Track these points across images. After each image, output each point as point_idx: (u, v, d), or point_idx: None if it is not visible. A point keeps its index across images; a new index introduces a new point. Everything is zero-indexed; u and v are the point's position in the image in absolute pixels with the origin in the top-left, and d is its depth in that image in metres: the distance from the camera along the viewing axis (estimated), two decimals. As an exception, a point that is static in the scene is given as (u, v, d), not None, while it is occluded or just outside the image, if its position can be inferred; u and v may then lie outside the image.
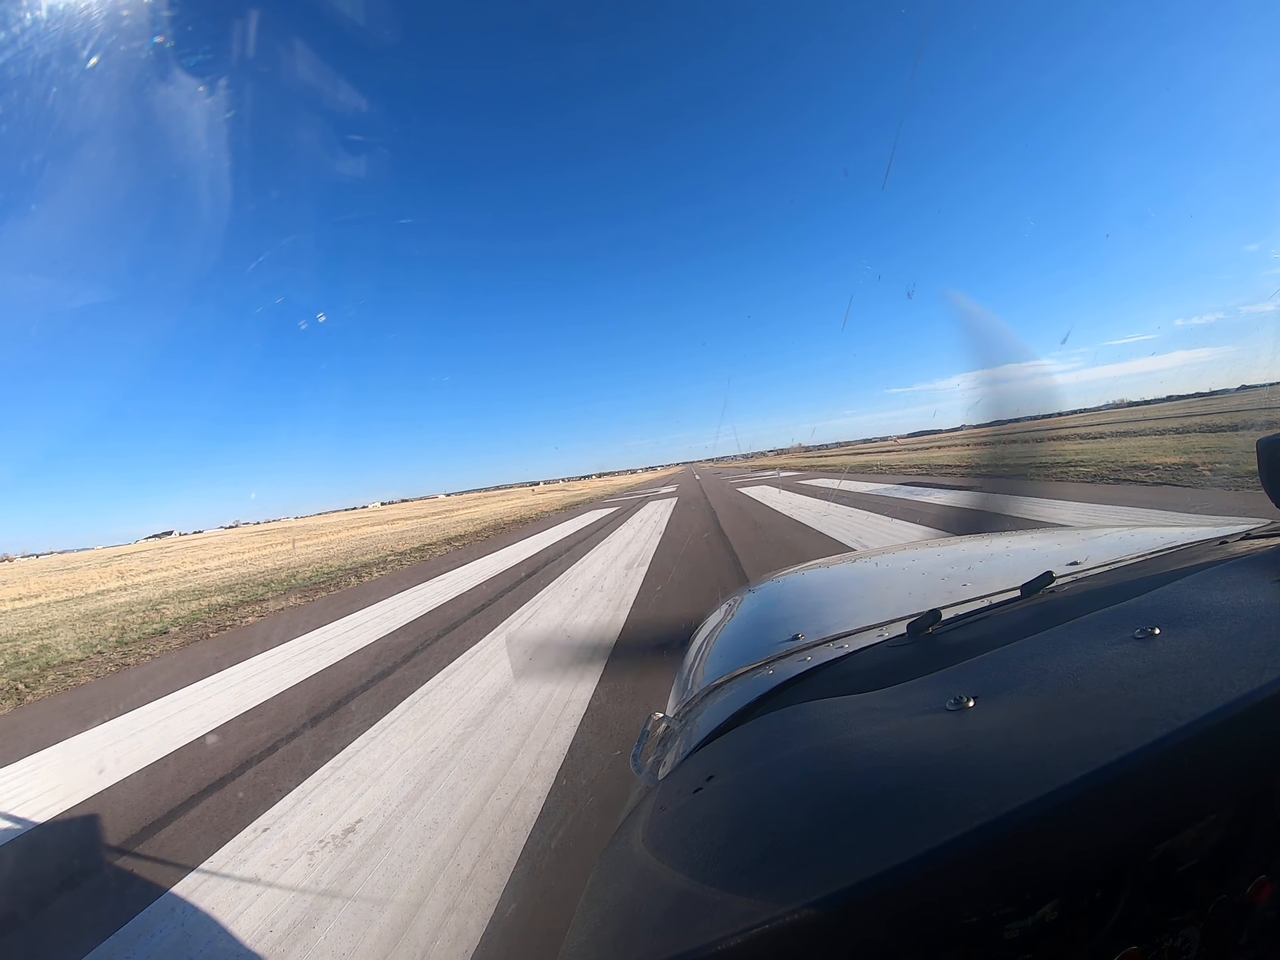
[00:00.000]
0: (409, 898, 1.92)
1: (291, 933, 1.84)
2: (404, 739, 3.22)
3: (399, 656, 5.02)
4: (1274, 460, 0.78)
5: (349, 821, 2.43)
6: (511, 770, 2.69)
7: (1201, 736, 0.37)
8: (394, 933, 1.78)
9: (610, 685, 3.61)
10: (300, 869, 2.16)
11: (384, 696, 4.01)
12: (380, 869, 2.09)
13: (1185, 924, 0.44)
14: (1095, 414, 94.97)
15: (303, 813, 2.57)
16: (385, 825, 2.37)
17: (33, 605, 15.28)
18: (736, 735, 0.71)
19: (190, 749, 3.59)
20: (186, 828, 2.60)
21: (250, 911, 1.97)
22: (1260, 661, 0.44)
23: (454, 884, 1.96)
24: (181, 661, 6.19)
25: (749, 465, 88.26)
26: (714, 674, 1.05)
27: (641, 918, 0.45)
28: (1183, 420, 26.64)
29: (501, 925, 1.76)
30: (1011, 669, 0.59)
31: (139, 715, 4.47)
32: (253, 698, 4.41)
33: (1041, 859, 0.36)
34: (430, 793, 2.58)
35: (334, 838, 2.32)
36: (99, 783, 3.25)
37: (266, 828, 2.49)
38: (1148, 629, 0.56)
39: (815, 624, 1.12)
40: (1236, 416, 22.85)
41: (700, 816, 0.54)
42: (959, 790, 0.41)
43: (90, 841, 2.63)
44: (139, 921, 1.99)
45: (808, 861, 0.41)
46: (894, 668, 0.77)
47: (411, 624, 6.28)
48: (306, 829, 2.43)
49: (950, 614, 0.90)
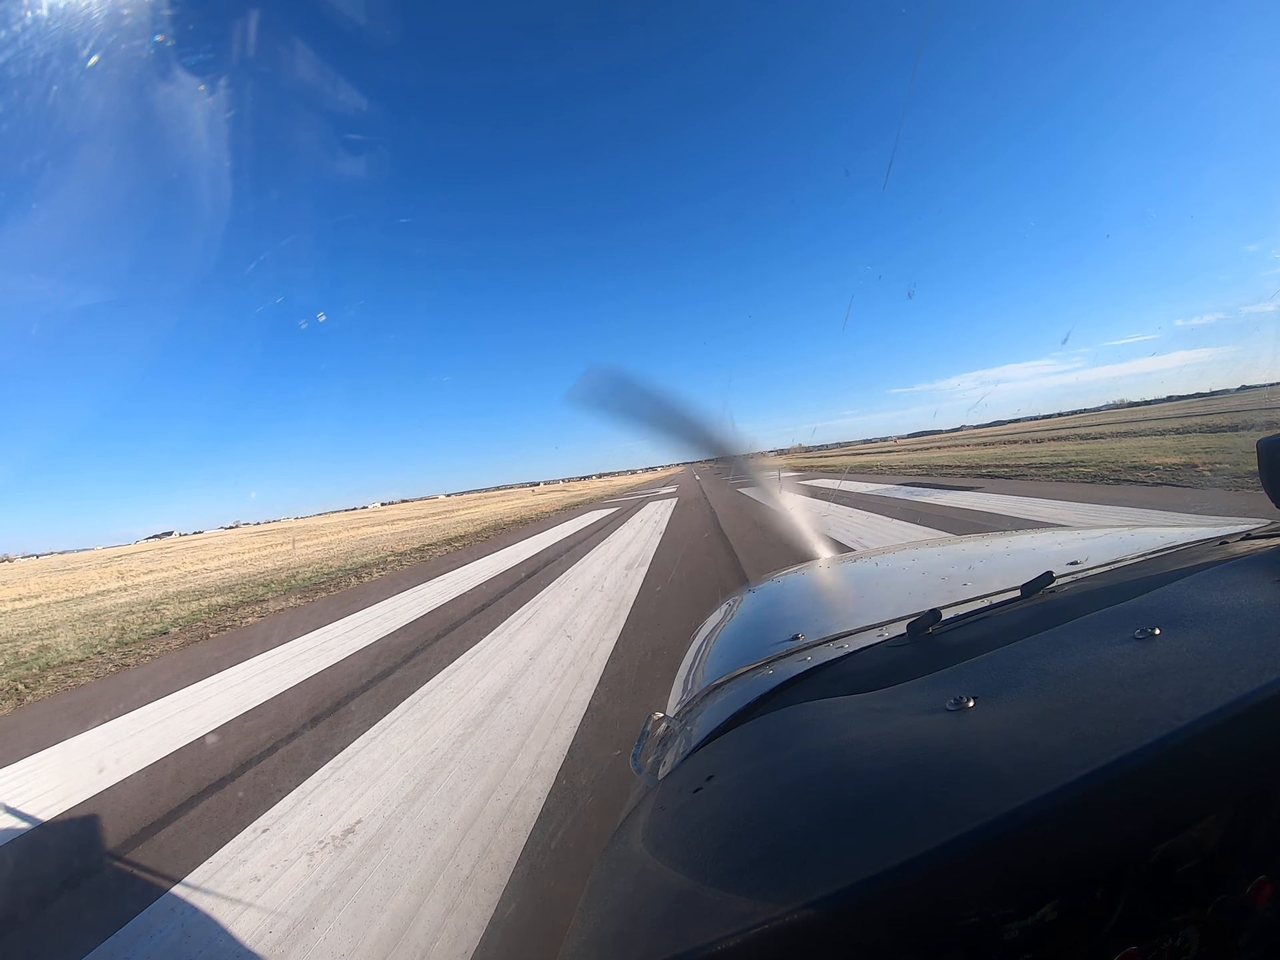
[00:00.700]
0: (409, 898, 1.92)
1: (291, 933, 1.84)
2: (404, 739, 3.21)
3: (399, 657, 5.02)
4: (1274, 460, 0.78)
5: (349, 822, 2.43)
6: (511, 770, 2.69)
7: (1201, 737, 0.37)
8: (394, 933, 1.78)
9: (610, 686, 3.62)
10: (300, 869, 2.16)
11: (384, 697, 4.01)
12: (380, 870, 2.08)
13: (1185, 924, 0.44)
14: (1095, 414, 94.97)
15: (302, 813, 2.57)
16: (385, 826, 2.36)
17: (33, 606, 15.27)
18: (736, 735, 0.71)
19: (190, 749, 3.59)
20: (186, 828, 2.60)
21: (250, 912, 1.97)
22: (1260, 662, 0.44)
23: (454, 884, 1.96)
24: (181, 662, 6.19)
25: (750, 465, 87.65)
26: (714, 674, 1.05)
27: (641, 918, 0.45)
28: (1183, 421, 26.64)
29: (501, 925, 1.76)
30: (1011, 669, 0.59)
31: (139, 716, 4.47)
32: (252, 698, 4.41)
33: (1041, 859, 0.36)
34: (430, 793, 2.58)
35: (334, 839, 2.32)
36: (99, 783, 3.25)
37: (266, 828, 2.49)
38: (1148, 629, 0.56)
39: (815, 624, 1.12)
40: (1237, 417, 22.86)
41: (700, 816, 0.54)
42: (959, 790, 0.41)
43: (90, 842, 2.63)
44: (139, 922, 1.99)
45: (808, 862, 0.41)
46: (894, 668, 0.77)
47: (412, 624, 6.28)
48: (306, 830, 2.42)
49: (950, 614, 0.90)
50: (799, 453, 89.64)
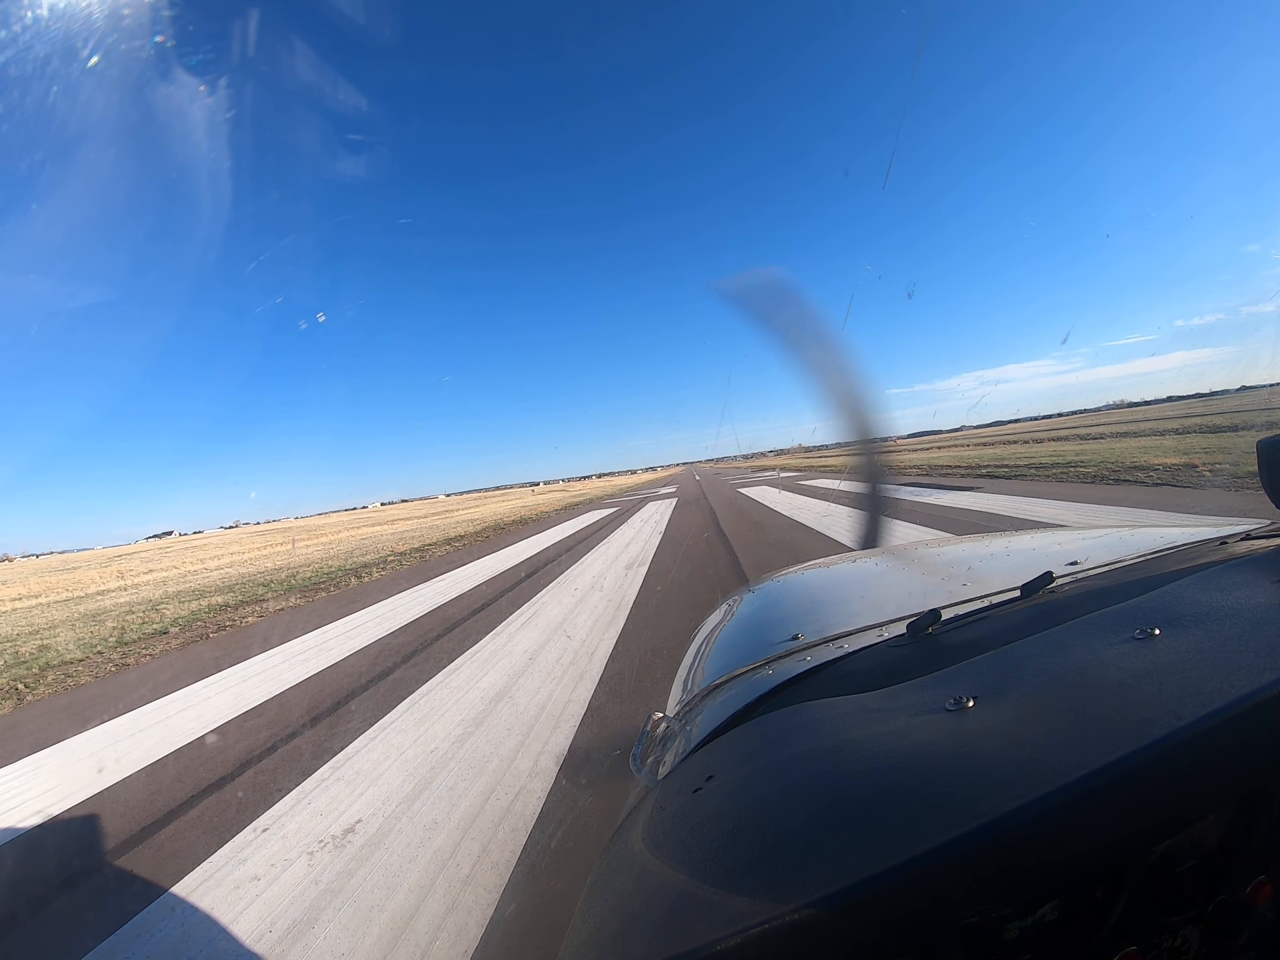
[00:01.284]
0: (408, 898, 1.92)
1: (291, 932, 1.84)
2: (404, 739, 3.21)
3: (399, 657, 5.01)
4: (1274, 461, 0.78)
5: (349, 822, 2.43)
6: (511, 770, 2.69)
7: (1201, 736, 0.37)
8: (394, 933, 1.78)
9: (610, 686, 3.62)
10: (300, 869, 2.16)
11: (384, 697, 4.00)
12: (380, 869, 2.08)
13: (1185, 924, 0.44)
14: (1096, 414, 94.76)
15: (302, 813, 2.57)
16: (385, 825, 2.36)
17: (32, 605, 15.27)
18: (736, 735, 0.71)
19: (190, 749, 3.59)
20: (186, 828, 2.60)
21: (250, 911, 1.97)
22: (1260, 662, 0.44)
23: (454, 884, 1.96)
24: (181, 662, 6.19)
25: (749, 465, 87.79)
26: (714, 674, 1.05)
27: (641, 917, 0.45)
28: (1182, 421, 26.53)
29: (501, 925, 1.76)
30: (1011, 669, 0.59)
31: (138, 715, 4.47)
32: (252, 698, 4.41)
33: (1041, 859, 0.36)
34: (430, 793, 2.58)
35: (334, 838, 2.32)
36: (99, 782, 3.25)
37: (266, 828, 2.49)
38: (1148, 629, 0.56)
39: (815, 624, 1.12)
40: (1236, 417, 22.82)
41: (700, 816, 0.54)
42: (959, 790, 0.41)
43: (90, 841, 2.63)
44: (139, 921, 1.99)
45: (807, 861, 0.41)
46: (894, 668, 0.77)
47: (411, 624, 6.27)
48: (306, 829, 2.42)
49: (950, 614, 0.90)
50: (798, 452, 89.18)
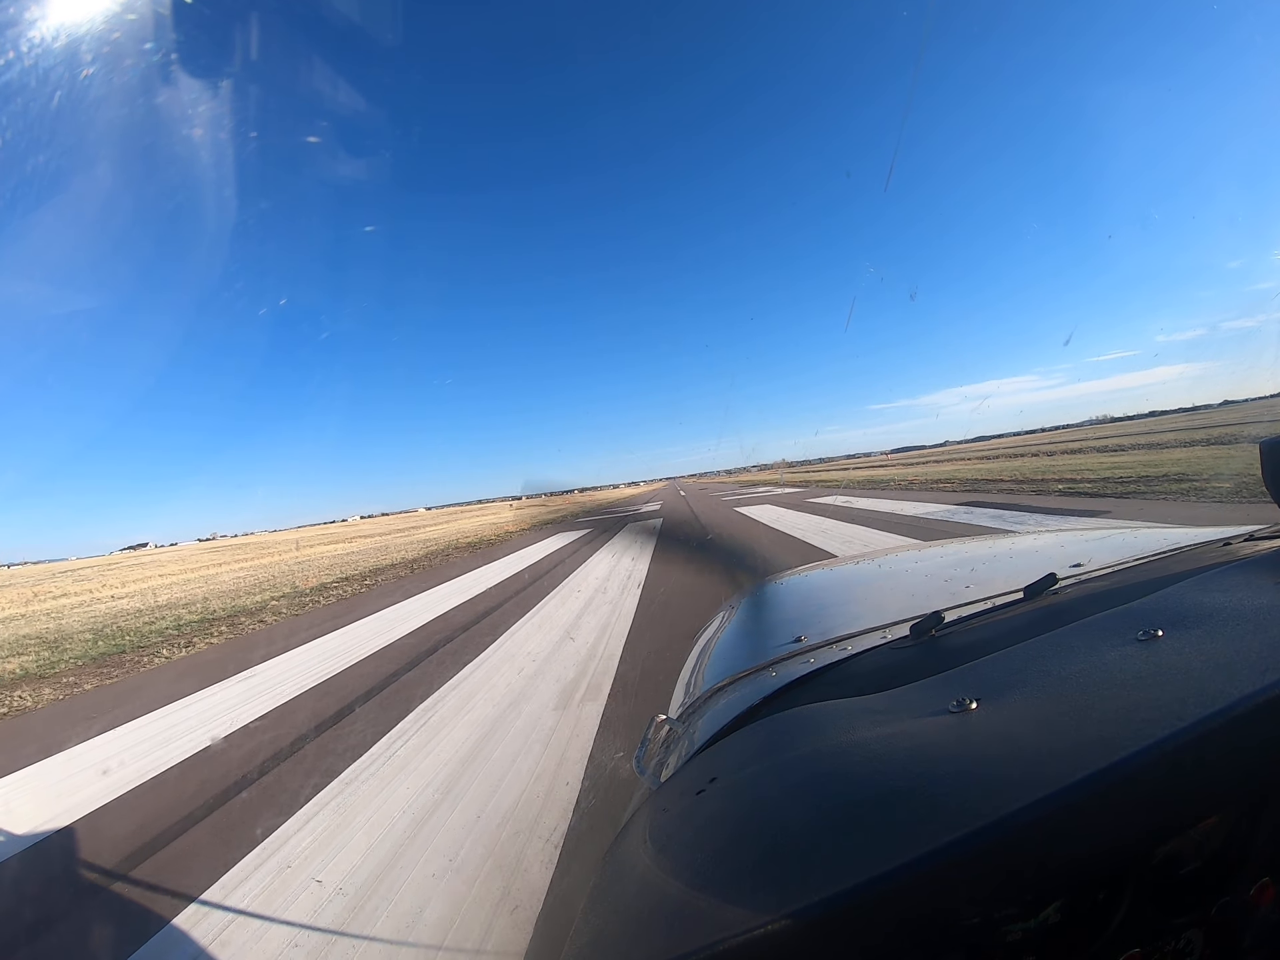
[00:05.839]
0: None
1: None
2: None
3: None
4: (1277, 462, 0.78)
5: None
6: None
7: (1204, 738, 0.37)
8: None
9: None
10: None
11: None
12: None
13: (1188, 926, 0.44)
14: (1096, 428, 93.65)
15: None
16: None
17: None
18: (739, 737, 0.71)
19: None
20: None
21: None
22: (1263, 663, 0.43)
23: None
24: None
25: (734, 481, 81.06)
26: (717, 676, 1.04)
27: (644, 920, 0.45)
28: (1208, 431, 25.52)
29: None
30: (1014, 671, 0.59)
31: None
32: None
33: (1044, 861, 0.36)
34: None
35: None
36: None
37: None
38: (1151, 631, 0.56)
39: (818, 626, 1.12)
40: (1225, 430, 22.10)
41: (703, 818, 0.54)
42: (962, 792, 0.41)
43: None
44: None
45: (810, 863, 0.41)
46: (897, 670, 0.77)
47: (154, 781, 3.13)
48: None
49: (953, 616, 0.90)
50: (783, 468, 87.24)
